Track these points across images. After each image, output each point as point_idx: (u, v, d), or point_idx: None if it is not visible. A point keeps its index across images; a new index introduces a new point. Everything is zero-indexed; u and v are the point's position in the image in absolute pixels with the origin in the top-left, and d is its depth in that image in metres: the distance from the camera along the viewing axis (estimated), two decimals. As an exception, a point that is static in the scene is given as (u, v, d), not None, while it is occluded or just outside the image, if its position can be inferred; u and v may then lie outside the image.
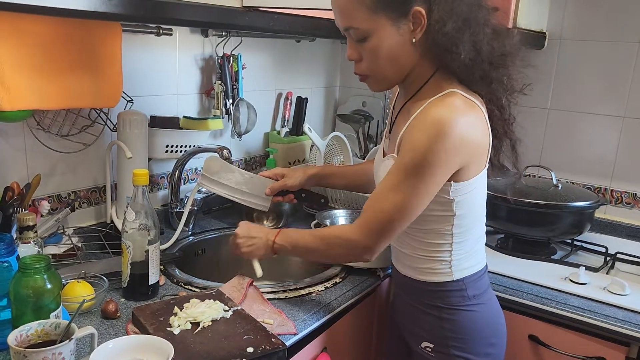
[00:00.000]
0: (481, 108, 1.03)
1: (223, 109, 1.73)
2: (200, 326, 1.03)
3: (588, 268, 1.50)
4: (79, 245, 1.38)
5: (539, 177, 1.95)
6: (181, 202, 1.62)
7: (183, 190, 1.66)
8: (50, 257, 0.95)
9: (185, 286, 1.28)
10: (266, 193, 1.30)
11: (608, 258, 1.60)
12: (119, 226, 1.42)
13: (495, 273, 1.47)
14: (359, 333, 1.42)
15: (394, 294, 1.30)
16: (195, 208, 1.60)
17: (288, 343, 1.06)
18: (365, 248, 1.05)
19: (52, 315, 0.92)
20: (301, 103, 2.04)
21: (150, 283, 1.18)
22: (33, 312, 0.90)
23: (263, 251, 1.17)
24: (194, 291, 1.25)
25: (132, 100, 1.47)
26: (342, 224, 1.15)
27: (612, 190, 1.92)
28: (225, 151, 1.49)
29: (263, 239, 1.16)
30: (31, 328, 0.87)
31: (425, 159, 0.97)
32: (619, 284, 1.38)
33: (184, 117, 1.60)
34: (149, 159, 1.51)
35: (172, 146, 1.55)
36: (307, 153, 2.11)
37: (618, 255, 1.60)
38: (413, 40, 1.00)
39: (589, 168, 1.95)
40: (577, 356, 1.33)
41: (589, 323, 1.29)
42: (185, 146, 1.58)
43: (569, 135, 1.97)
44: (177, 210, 1.61)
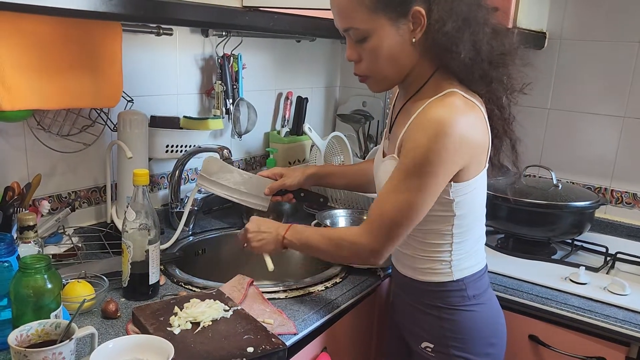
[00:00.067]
0: (480, 108, 1.03)
1: (223, 109, 1.73)
2: (200, 326, 1.03)
3: (588, 268, 1.50)
4: (79, 245, 1.38)
5: (539, 177, 1.95)
6: (181, 202, 1.62)
7: (183, 190, 1.66)
8: (50, 257, 0.95)
9: (185, 286, 1.28)
10: (265, 193, 1.30)
11: (608, 258, 1.60)
12: (119, 226, 1.42)
13: (495, 273, 1.47)
14: (359, 333, 1.42)
15: (394, 294, 1.30)
16: (195, 208, 1.60)
17: (288, 343, 1.06)
18: (372, 251, 1.05)
19: (53, 315, 0.92)
20: (301, 103, 2.04)
21: (150, 283, 1.19)
22: (33, 312, 0.90)
23: (273, 246, 1.18)
24: (194, 291, 1.25)
25: (133, 100, 1.47)
26: (351, 226, 1.15)
27: (612, 190, 1.92)
28: (225, 151, 1.49)
29: (273, 234, 1.17)
30: (31, 328, 0.87)
31: (426, 159, 0.97)
32: (619, 284, 1.38)
33: (184, 117, 1.60)
34: (149, 159, 1.51)
35: (173, 146, 1.55)
36: (308, 153, 2.11)
37: (618, 255, 1.60)
38: (413, 40, 1.00)
39: (589, 168, 1.95)
40: (577, 356, 1.33)
41: (589, 323, 1.29)
42: (185, 146, 1.58)
43: (569, 135, 1.97)
44: (178, 210, 1.61)
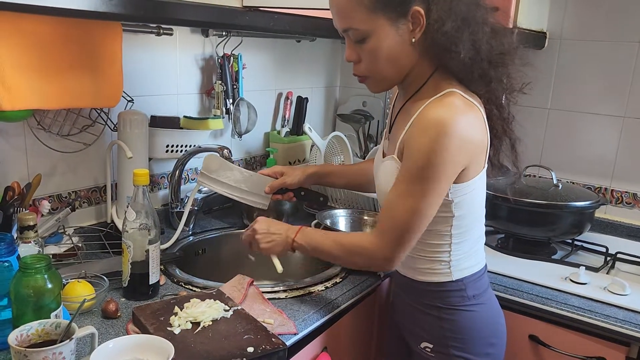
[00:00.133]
0: (479, 108, 1.03)
1: (223, 109, 1.73)
2: (200, 326, 1.03)
3: (588, 268, 1.50)
4: (80, 245, 1.38)
5: (539, 177, 1.95)
6: (181, 202, 1.62)
7: (183, 190, 1.66)
8: (50, 257, 0.94)
9: (185, 286, 1.28)
10: (265, 191, 1.30)
11: (608, 258, 1.60)
12: (120, 226, 1.42)
13: (495, 273, 1.47)
14: (359, 333, 1.42)
15: (394, 294, 1.30)
16: (195, 208, 1.60)
17: (288, 343, 1.06)
18: (385, 258, 1.05)
19: (53, 314, 0.92)
20: (301, 103, 2.04)
21: (150, 283, 1.19)
22: (33, 312, 0.90)
23: (281, 248, 1.17)
24: (195, 291, 1.25)
25: (133, 100, 1.47)
26: (362, 232, 1.16)
27: (613, 190, 1.92)
28: (225, 151, 1.49)
29: (283, 236, 1.17)
30: (32, 328, 0.87)
31: (429, 161, 0.97)
32: (619, 284, 1.38)
33: (185, 117, 1.60)
34: (150, 159, 1.51)
35: (173, 146, 1.55)
36: (308, 153, 2.11)
37: (618, 255, 1.60)
38: (412, 40, 1.00)
39: (589, 168, 1.95)
40: (578, 356, 1.33)
41: (589, 323, 1.29)
42: (185, 146, 1.58)
43: (569, 135, 1.97)
44: (178, 210, 1.61)
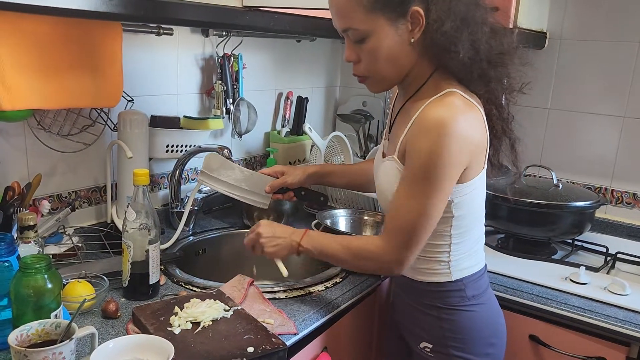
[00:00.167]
0: (479, 108, 1.03)
1: (223, 109, 1.73)
2: (200, 326, 1.03)
3: (588, 268, 1.50)
4: (80, 244, 1.38)
5: (540, 177, 1.95)
6: (181, 202, 1.62)
7: (183, 190, 1.66)
8: (50, 257, 0.94)
9: (185, 286, 1.28)
10: (266, 190, 1.30)
11: (608, 258, 1.60)
12: (120, 226, 1.42)
13: (495, 273, 1.47)
14: (360, 333, 1.42)
15: (394, 294, 1.30)
16: (195, 208, 1.60)
17: (288, 343, 1.06)
18: (394, 261, 1.05)
19: (53, 314, 0.92)
20: (301, 103, 2.04)
21: (150, 283, 1.19)
22: (33, 312, 0.90)
23: (286, 252, 1.16)
24: (195, 291, 1.25)
25: (133, 100, 1.47)
26: (369, 236, 1.15)
27: (613, 190, 1.92)
28: (225, 151, 1.49)
29: (288, 240, 1.15)
30: (32, 328, 0.87)
31: (432, 162, 0.97)
32: (620, 284, 1.38)
33: (185, 117, 1.61)
34: (150, 159, 1.51)
35: (173, 146, 1.55)
36: (308, 153, 2.11)
37: (618, 255, 1.60)
38: (411, 40, 1.00)
39: (590, 168, 1.95)
40: (578, 356, 1.33)
41: (590, 323, 1.29)
42: (185, 146, 1.58)
43: (570, 135, 1.97)
44: (178, 209, 1.61)
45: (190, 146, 1.58)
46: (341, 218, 1.62)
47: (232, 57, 1.74)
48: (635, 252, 1.62)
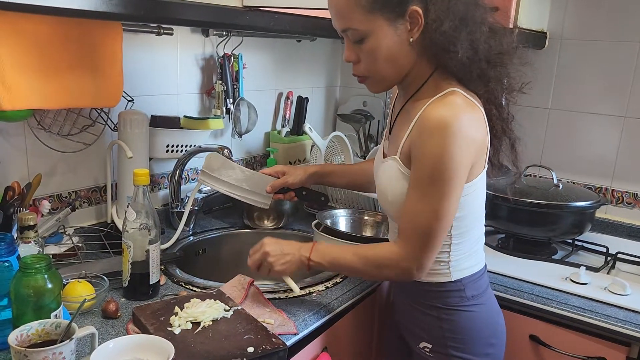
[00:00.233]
0: (480, 108, 1.03)
1: (224, 109, 1.73)
2: (200, 326, 1.03)
3: (589, 268, 1.50)
4: (80, 244, 1.38)
5: (540, 177, 1.95)
6: (182, 202, 1.62)
7: (184, 189, 1.66)
8: (50, 257, 0.95)
9: (185, 286, 1.28)
10: (267, 190, 1.30)
11: (609, 258, 1.60)
12: (120, 226, 1.42)
13: (496, 273, 1.47)
14: (360, 333, 1.42)
15: (394, 294, 1.30)
16: (195, 208, 1.60)
17: (289, 343, 1.06)
18: (414, 266, 1.03)
19: (53, 314, 0.92)
20: (302, 103, 2.04)
21: (150, 283, 1.19)
22: (34, 312, 0.90)
23: (296, 267, 1.13)
24: (195, 291, 1.25)
25: (133, 99, 1.47)
26: (383, 243, 1.13)
27: (613, 190, 1.92)
28: (225, 151, 1.49)
29: (296, 255, 1.12)
30: (32, 328, 0.87)
31: (442, 163, 0.96)
32: (620, 284, 1.38)
33: (185, 117, 1.61)
34: (150, 159, 1.51)
35: (173, 146, 1.55)
36: (308, 153, 2.11)
37: (619, 255, 1.60)
38: (411, 40, 1.00)
39: (590, 168, 1.95)
40: (578, 356, 1.33)
41: (590, 323, 1.29)
42: (185, 146, 1.58)
43: (570, 135, 1.97)
44: (178, 209, 1.61)
45: (190, 146, 1.58)
46: (341, 218, 1.61)
47: (233, 57, 1.74)
48: (635, 252, 1.62)
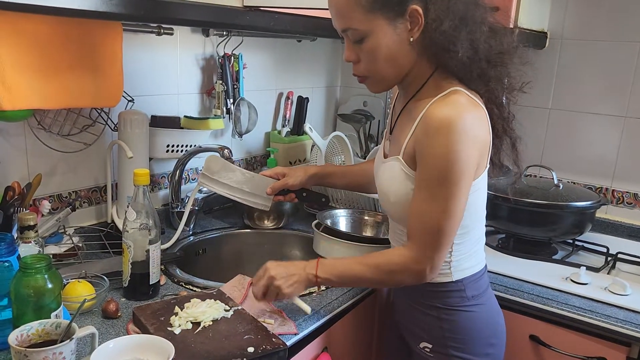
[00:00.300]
0: (483, 107, 1.03)
1: (224, 109, 1.73)
2: (201, 326, 1.03)
3: (589, 268, 1.50)
4: (80, 244, 1.38)
5: (540, 177, 1.95)
6: (182, 202, 1.62)
7: (184, 189, 1.66)
8: (51, 257, 0.95)
9: (186, 286, 1.28)
10: (267, 192, 1.30)
11: (609, 258, 1.60)
12: (120, 226, 1.42)
13: (496, 273, 1.47)
14: (360, 333, 1.42)
15: (395, 294, 1.30)
16: (196, 208, 1.60)
17: (289, 343, 1.06)
18: (427, 267, 1.03)
19: (53, 314, 0.92)
20: (302, 103, 2.04)
21: (151, 283, 1.19)
22: (34, 312, 0.90)
23: (304, 287, 1.10)
24: (195, 291, 1.25)
25: (133, 99, 1.47)
26: (391, 249, 1.13)
27: (614, 190, 1.92)
28: (226, 151, 1.49)
29: (303, 274, 1.09)
30: (32, 328, 0.87)
31: (449, 163, 0.96)
32: (620, 284, 1.38)
33: (185, 117, 1.61)
34: (150, 159, 1.51)
35: (173, 146, 1.55)
36: (308, 153, 2.11)
37: (619, 255, 1.60)
38: (411, 39, 1.00)
39: (590, 168, 1.95)
40: (578, 356, 1.33)
41: (590, 323, 1.29)
42: (186, 146, 1.58)
43: (570, 135, 1.97)
44: (178, 209, 1.61)
45: (190, 146, 1.58)
46: (341, 218, 1.61)
47: (233, 57, 1.74)
48: (636, 252, 1.62)
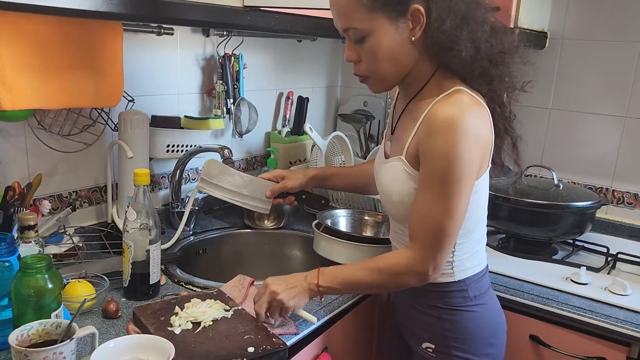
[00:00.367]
0: (485, 106, 1.03)
1: (224, 109, 1.73)
2: (201, 326, 1.03)
3: (589, 268, 1.49)
4: (80, 244, 1.38)
5: (541, 177, 1.94)
6: (182, 202, 1.62)
7: (184, 189, 1.66)
8: (51, 257, 0.95)
9: (186, 286, 1.28)
10: (267, 195, 1.30)
11: (609, 258, 1.60)
12: (120, 226, 1.42)
13: (496, 273, 1.47)
14: (360, 333, 1.42)
15: (395, 294, 1.30)
16: (196, 208, 1.60)
17: (289, 343, 1.06)
18: (431, 268, 1.03)
19: (53, 314, 0.92)
20: (302, 103, 2.04)
21: (151, 283, 1.19)
22: (34, 312, 0.90)
23: (307, 298, 1.08)
24: (195, 291, 1.25)
25: (133, 99, 1.47)
26: (393, 252, 1.12)
27: (614, 190, 1.92)
28: (226, 151, 1.49)
29: (304, 285, 1.08)
30: (32, 327, 0.87)
31: (451, 163, 0.96)
32: (620, 284, 1.38)
33: (185, 117, 1.60)
34: (150, 159, 1.51)
35: (173, 146, 1.55)
36: (308, 153, 2.11)
37: (619, 255, 1.60)
38: (412, 39, 1.00)
39: (591, 168, 1.95)
40: (578, 356, 1.33)
41: (590, 323, 1.29)
42: (186, 146, 1.58)
43: (571, 135, 1.97)
44: (178, 209, 1.61)
45: (191, 146, 1.58)
46: (342, 218, 1.61)
47: (233, 57, 1.74)
48: (636, 253, 1.62)
